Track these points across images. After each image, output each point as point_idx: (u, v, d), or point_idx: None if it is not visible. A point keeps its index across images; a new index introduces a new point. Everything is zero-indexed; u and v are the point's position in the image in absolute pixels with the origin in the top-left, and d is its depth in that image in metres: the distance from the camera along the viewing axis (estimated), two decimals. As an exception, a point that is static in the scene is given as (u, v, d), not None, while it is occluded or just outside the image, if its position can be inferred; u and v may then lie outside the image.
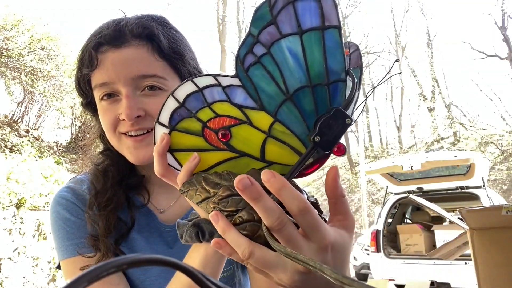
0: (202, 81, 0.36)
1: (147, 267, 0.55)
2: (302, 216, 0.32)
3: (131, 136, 0.62)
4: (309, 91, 0.34)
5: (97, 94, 0.63)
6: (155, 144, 0.39)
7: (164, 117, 0.38)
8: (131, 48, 0.61)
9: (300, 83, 0.34)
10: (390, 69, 0.41)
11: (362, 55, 0.40)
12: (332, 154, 0.36)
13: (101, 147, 0.73)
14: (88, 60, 0.62)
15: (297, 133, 0.36)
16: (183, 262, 0.25)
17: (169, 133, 0.38)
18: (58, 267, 0.67)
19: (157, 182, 0.70)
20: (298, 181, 0.40)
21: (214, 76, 0.36)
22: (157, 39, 0.63)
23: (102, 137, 0.71)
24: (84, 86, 0.66)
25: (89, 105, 0.69)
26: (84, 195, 0.67)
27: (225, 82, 0.36)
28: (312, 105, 0.35)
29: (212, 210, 0.36)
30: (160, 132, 0.38)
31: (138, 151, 0.62)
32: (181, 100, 0.37)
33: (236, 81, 0.35)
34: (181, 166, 0.40)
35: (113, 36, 0.62)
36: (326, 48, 0.33)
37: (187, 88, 0.36)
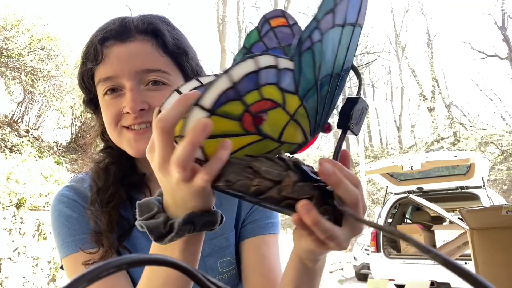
0: (262, 61, 0.34)
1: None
2: (354, 208, 0.36)
3: (133, 129, 0.62)
4: (329, 79, 0.38)
5: (100, 89, 0.64)
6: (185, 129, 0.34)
7: (208, 100, 0.33)
8: (136, 43, 0.63)
9: (326, 71, 0.37)
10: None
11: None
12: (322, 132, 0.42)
13: (101, 146, 0.73)
14: (93, 54, 0.63)
15: (311, 117, 0.39)
16: (160, 253, 0.26)
17: (210, 116, 0.34)
18: (62, 267, 0.67)
19: None
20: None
21: (276, 56, 0.34)
22: (162, 35, 0.64)
23: (103, 135, 0.71)
24: (87, 81, 0.66)
25: (91, 102, 0.69)
26: (85, 193, 0.67)
27: (282, 64, 0.35)
28: (326, 92, 0.39)
29: (283, 200, 0.35)
30: (197, 116, 0.33)
31: (138, 143, 0.62)
32: (236, 80, 0.33)
33: (291, 64, 0.35)
34: (205, 154, 0.36)
35: (118, 31, 0.63)
36: (351, 43, 0.38)
37: (247, 67, 0.33)
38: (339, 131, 0.42)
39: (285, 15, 0.42)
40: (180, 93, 0.37)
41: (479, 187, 4.38)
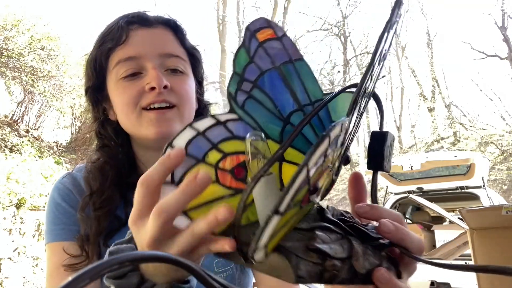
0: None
1: None
2: (420, 253, 0.34)
3: (154, 109, 0.61)
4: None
5: (118, 71, 0.62)
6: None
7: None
8: (159, 29, 0.66)
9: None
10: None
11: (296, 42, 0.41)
12: None
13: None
14: (118, 34, 0.63)
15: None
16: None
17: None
18: None
19: None
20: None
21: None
22: (181, 31, 0.68)
23: (99, 132, 0.69)
24: (101, 64, 0.65)
25: (97, 89, 0.67)
26: (82, 182, 0.66)
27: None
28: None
29: (354, 278, 0.30)
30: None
31: (160, 123, 0.61)
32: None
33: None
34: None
35: (144, 18, 0.66)
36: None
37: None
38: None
39: (271, 24, 0.38)
40: (194, 128, 0.34)
41: (479, 187, 4.38)
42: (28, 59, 6.11)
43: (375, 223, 0.35)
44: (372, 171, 0.37)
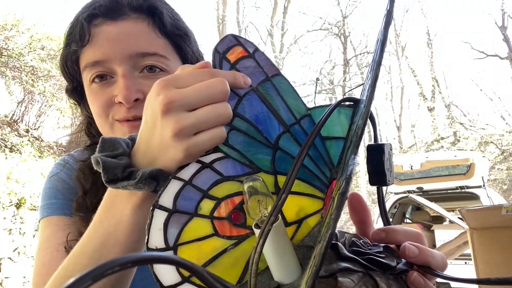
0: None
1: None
2: (444, 269, 0.33)
3: (128, 121, 0.54)
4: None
5: (87, 76, 0.55)
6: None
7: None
8: (130, 21, 0.54)
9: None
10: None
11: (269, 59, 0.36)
12: None
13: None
14: (79, 34, 0.54)
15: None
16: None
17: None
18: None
19: None
20: None
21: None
22: (159, 13, 0.55)
23: (88, 130, 0.64)
24: (71, 66, 0.57)
25: (75, 90, 0.61)
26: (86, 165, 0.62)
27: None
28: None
29: None
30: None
31: None
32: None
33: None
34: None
35: (109, 7, 0.54)
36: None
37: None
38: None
39: (239, 41, 0.35)
40: (179, 179, 0.32)
41: (479, 186, 4.38)
42: (28, 59, 6.10)
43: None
44: (376, 187, 0.35)
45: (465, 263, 3.70)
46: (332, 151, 0.35)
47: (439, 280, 0.33)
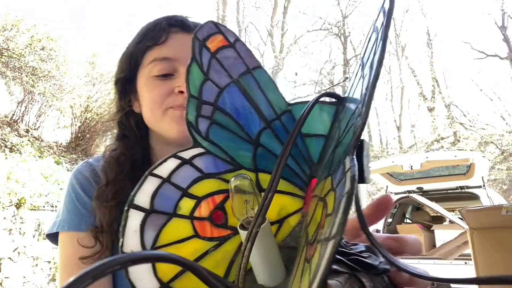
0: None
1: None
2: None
3: (181, 107, 0.63)
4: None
5: (152, 69, 0.65)
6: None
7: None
8: None
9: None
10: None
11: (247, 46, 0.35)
12: None
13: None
14: (158, 34, 0.66)
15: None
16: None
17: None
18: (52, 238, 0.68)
19: None
20: None
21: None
22: None
23: (122, 122, 0.71)
24: (136, 59, 0.67)
25: (127, 82, 0.69)
26: (100, 173, 0.68)
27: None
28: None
29: None
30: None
31: (183, 122, 0.62)
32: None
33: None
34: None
35: (184, 22, 0.68)
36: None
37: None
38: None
39: (220, 29, 0.33)
40: (156, 175, 0.29)
41: (479, 187, 4.38)
42: (28, 59, 6.11)
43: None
44: (371, 173, 0.34)
45: (465, 263, 3.70)
46: (312, 148, 0.33)
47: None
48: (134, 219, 0.27)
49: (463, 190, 4.49)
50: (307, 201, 0.32)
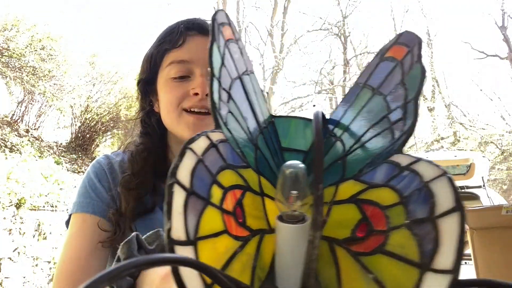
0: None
1: None
2: None
3: (194, 112, 0.66)
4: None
5: (169, 71, 0.68)
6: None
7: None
8: None
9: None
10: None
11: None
12: None
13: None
14: (176, 37, 0.68)
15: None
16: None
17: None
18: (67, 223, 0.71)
19: None
20: None
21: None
22: None
23: (144, 120, 0.75)
24: (156, 61, 0.70)
25: (148, 83, 0.73)
26: (115, 166, 0.72)
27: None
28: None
29: None
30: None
31: (196, 128, 0.65)
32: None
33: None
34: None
35: (203, 26, 0.70)
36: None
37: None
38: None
39: (230, 22, 0.31)
40: (192, 151, 0.25)
41: (479, 187, 4.38)
42: (28, 59, 6.11)
43: None
44: None
45: (465, 263, 3.70)
46: None
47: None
48: (178, 197, 0.22)
49: (463, 190, 4.49)
50: None
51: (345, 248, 0.25)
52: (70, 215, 0.71)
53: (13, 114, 6.52)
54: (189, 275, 0.20)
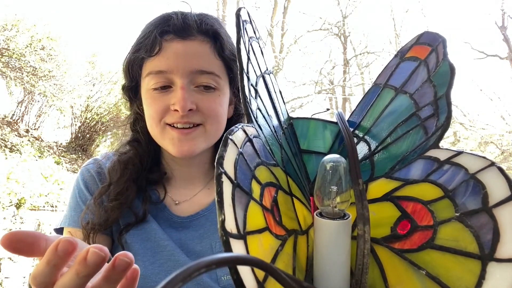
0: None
1: (154, 260, 0.53)
2: None
3: (177, 128, 0.61)
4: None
5: (149, 82, 0.62)
6: None
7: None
8: (196, 42, 0.62)
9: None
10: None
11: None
12: None
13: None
14: (150, 44, 0.61)
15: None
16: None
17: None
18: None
19: (182, 177, 0.70)
20: None
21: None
22: (221, 39, 0.64)
23: (133, 125, 0.71)
24: (136, 69, 0.65)
25: (132, 89, 0.68)
26: (105, 170, 0.69)
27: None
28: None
29: None
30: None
31: (182, 143, 0.61)
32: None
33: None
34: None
35: (181, 27, 0.62)
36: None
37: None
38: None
39: (251, 20, 0.31)
40: (235, 144, 0.24)
41: (479, 187, 4.38)
42: (28, 59, 6.10)
43: None
44: None
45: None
46: (309, 165, 0.31)
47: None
48: (227, 189, 0.22)
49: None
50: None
51: (387, 246, 0.25)
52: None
53: (13, 114, 6.52)
54: (245, 271, 0.20)
